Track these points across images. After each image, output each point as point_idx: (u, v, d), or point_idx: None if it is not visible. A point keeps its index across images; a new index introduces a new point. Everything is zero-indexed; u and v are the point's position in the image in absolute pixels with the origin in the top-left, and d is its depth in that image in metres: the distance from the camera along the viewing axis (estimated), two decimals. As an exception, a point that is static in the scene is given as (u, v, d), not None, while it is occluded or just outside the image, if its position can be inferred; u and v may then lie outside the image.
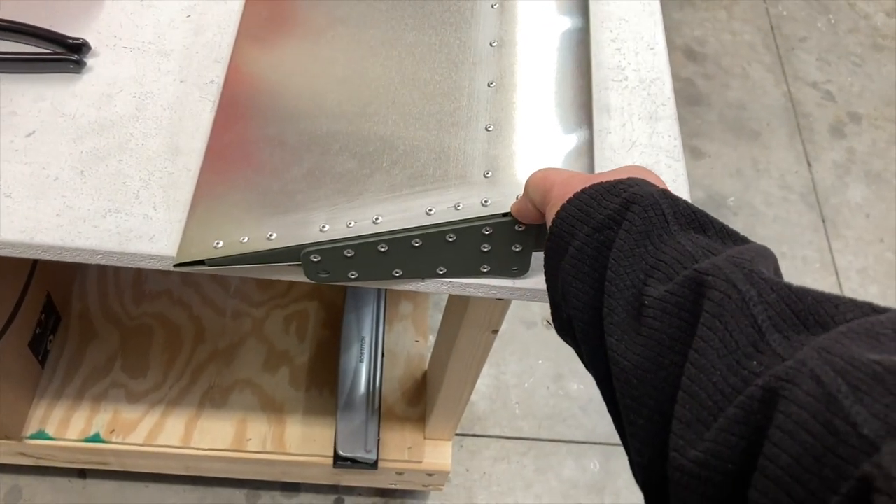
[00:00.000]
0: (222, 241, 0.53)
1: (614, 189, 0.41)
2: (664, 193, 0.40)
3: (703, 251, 0.36)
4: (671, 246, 0.37)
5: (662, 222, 0.38)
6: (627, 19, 0.71)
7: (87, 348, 1.04)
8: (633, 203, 0.39)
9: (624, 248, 0.38)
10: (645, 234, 0.38)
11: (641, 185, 0.40)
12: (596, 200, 0.41)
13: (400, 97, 0.58)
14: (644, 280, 0.37)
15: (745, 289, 0.32)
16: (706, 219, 0.38)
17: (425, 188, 0.53)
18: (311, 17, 0.64)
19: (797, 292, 0.32)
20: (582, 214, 0.41)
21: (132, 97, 0.60)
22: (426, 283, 0.57)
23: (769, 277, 0.32)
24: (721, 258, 0.34)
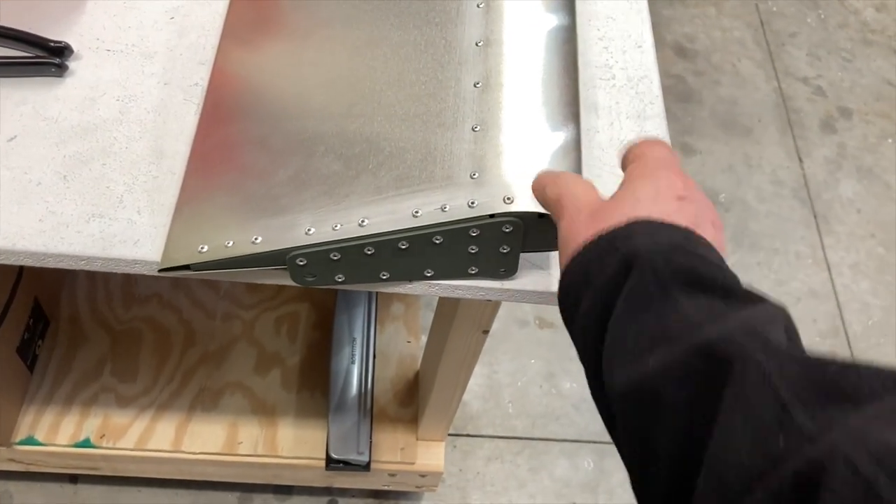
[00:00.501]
0: (207, 246, 0.52)
1: (614, 242, 0.39)
2: (659, 250, 0.38)
3: (708, 315, 0.34)
4: (673, 311, 0.35)
5: (661, 290, 0.36)
6: (615, 17, 0.70)
7: (76, 353, 1.03)
8: (630, 266, 0.38)
9: (622, 317, 0.37)
10: (645, 302, 0.37)
11: (639, 237, 0.39)
12: (597, 259, 0.40)
13: (385, 98, 0.57)
14: (649, 349, 0.35)
15: (764, 361, 0.31)
16: (708, 274, 0.37)
17: (412, 190, 0.52)
18: (296, 18, 0.63)
19: (818, 363, 0.31)
20: (584, 278, 0.40)
21: (115, 100, 0.59)
22: (414, 286, 0.56)
23: (784, 346, 0.32)
24: (732, 325, 0.33)
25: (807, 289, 1.45)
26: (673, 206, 0.42)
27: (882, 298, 1.45)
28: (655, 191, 0.42)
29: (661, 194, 0.42)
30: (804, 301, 1.43)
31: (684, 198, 0.43)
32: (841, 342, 1.40)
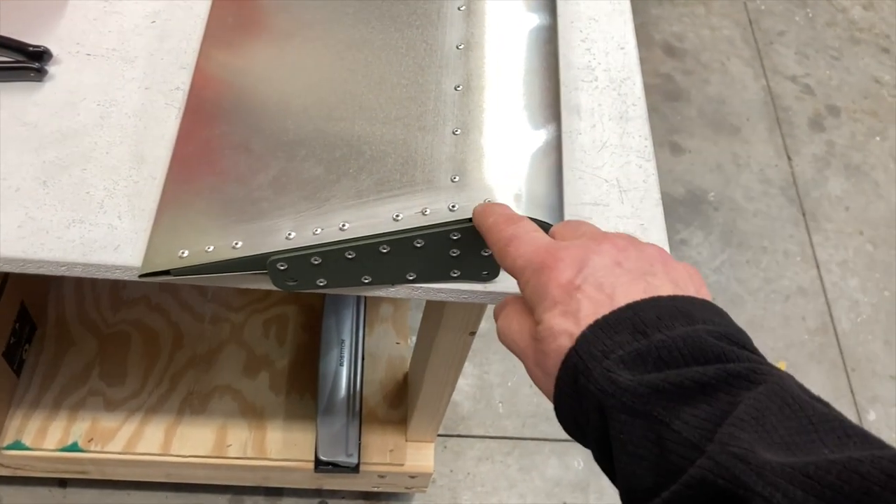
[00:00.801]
0: (187, 251, 0.52)
1: (578, 386, 0.37)
2: (621, 387, 0.35)
3: (700, 431, 0.33)
4: (670, 440, 0.34)
5: (646, 420, 0.34)
6: (597, 19, 0.71)
7: (63, 357, 1.03)
8: (604, 412, 0.36)
9: (623, 461, 0.35)
10: (636, 439, 0.35)
11: (597, 375, 0.36)
12: (576, 404, 0.37)
13: (366, 102, 0.57)
14: (662, 483, 0.34)
15: (768, 493, 0.30)
16: (676, 380, 0.35)
17: (392, 194, 0.52)
18: (277, 22, 0.63)
19: (816, 474, 0.29)
20: (575, 424, 0.38)
21: (96, 105, 0.59)
22: (396, 289, 0.56)
23: (778, 465, 0.30)
24: (718, 449, 0.32)
25: (796, 287, 1.45)
26: (609, 293, 0.39)
27: (870, 295, 1.46)
28: (583, 299, 0.39)
29: (589, 297, 0.39)
30: (793, 299, 1.44)
31: (620, 262, 0.40)
32: (830, 339, 1.40)
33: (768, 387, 0.34)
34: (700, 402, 0.34)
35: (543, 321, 0.39)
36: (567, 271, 0.39)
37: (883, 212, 1.56)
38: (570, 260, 0.40)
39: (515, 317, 0.42)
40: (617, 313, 0.37)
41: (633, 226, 0.60)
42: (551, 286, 0.39)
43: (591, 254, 0.40)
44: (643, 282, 0.39)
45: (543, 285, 0.40)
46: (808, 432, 0.32)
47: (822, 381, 1.36)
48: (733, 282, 1.44)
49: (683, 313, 0.37)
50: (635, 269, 0.40)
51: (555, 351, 0.38)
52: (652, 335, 0.36)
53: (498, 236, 0.45)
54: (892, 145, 1.65)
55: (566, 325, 0.38)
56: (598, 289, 0.38)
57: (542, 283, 0.40)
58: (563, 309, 0.38)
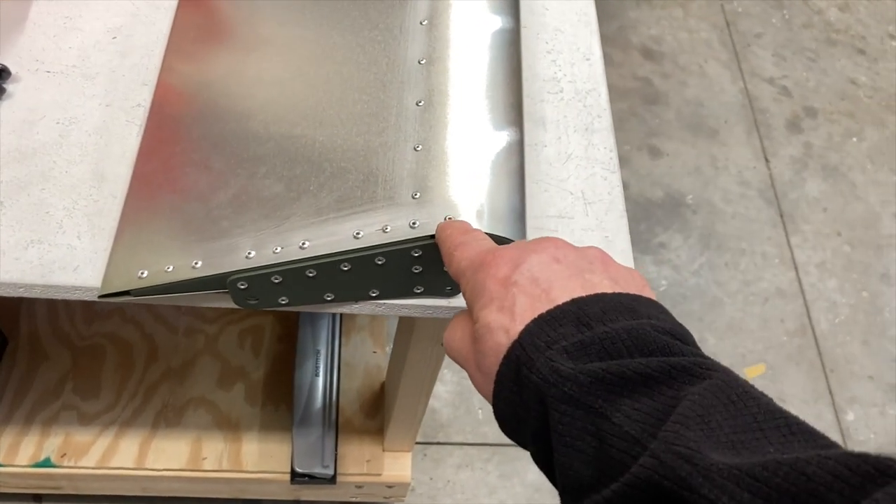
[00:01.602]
0: (147, 271, 0.52)
1: (520, 377, 0.36)
2: (563, 376, 0.35)
3: (642, 426, 0.33)
4: (608, 430, 0.33)
5: (586, 411, 0.34)
6: (563, 30, 0.70)
7: (36, 371, 1.02)
8: (545, 403, 0.35)
9: (564, 455, 0.35)
10: (577, 432, 0.34)
11: (540, 365, 0.36)
12: (517, 397, 0.37)
13: (328, 118, 0.57)
14: (602, 481, 0.33)
15: (714, 496, 0.29)
16: (618, 371, 0.34)
17: (353, 211, 0.52)
18: (239, 38, 0.62)
19: (763, 476, 0.29)
20: (515, 417, 0.38)
21: (55, 123, 0.59)
22: (360, 306, 0.56)
23: (724, 466, 0.30)
24: (663, 447, 0.31)
25: (774, 288, 1.46)
26: (546, 288, 0.39)
27: (849, 296, 1.47)
28: (519, 293, 0.39)
29: (525, 291, 0.38)
30: (771, 301, 1.44)
31: (558, 259, 0.40)
32: (808, 341, 1.41)
33: (713, 382, 0.34)
34: (642, 395, 0.34)
35: (480, 319, 0.39)
36: (504, 268, 0.40)
37: (860, 213, 1.57)
38: (508, 258, 0.40)
39: (459, 326, 0.43)
40: (561, 307, 0.37)
41: (597, 238, 0.60)
42: (488, 282, 0.40)
43: (530, 252, 0.40)
44: (581, 278, 0.39)
45: (481, 282, 0.40)
46: (754, 430, 0.32)
47: (801, 382, 1.37)
48: (712, 284, 1.45)
49: (628, 308, 0.37)
50: (573, 266, 0.40)
51: (492, 349, 0.38)
52: (596, 327, 0.36)
53: (448, 243, 0.45)
54: (869, 146, 1.66)
55: (502, 320, 0.38)
56: (534, 283, 0.39)
57: (480, 281, 0.40)
58: (499, 304, 0.39)
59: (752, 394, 0.33)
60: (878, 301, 1.47)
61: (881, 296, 1.47)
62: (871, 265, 1.51)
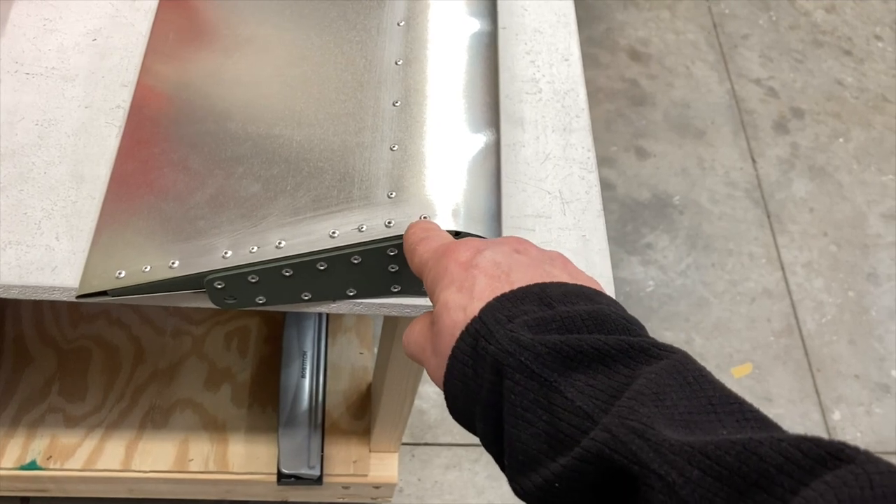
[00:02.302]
0: (125, 271, 0.52)
1: (478, 348, 0.36)
2: (521, 345, 0.35)
3: (594, 401, 0.33)
4: (560, 404, 0.34)
5: (540, 384, 0.34)
6: (542, 31, 0.71)
7: (22, 373, 1.02)
8: (501, 373, 0.35)
9: (514, 427, 0.35)
10: (530, 404, 0.34)
11: (499, 336, 0.36)
12: (470, 370, 0.37)
13: (305, 118, 0.57)
14: (550, 454, 0.34)
15: (664, 472, 0.29)
16: (576, 345, 0.34)
17: (329, 211, 0.52)
18: (219, 39, 0.63)
19: (715, 454, 0.29)
20: (466, 390, 0.37)
21: (34, 125, 0.59)
22: (338, 305, 0.56)
23: (676, 443, 0.30)
24: (616, 422, 0.31)
25: (761, 289, 1.47)
26: (506, 271, 0.39)
27: (835, 296, 1.48)
28: (479, 274, 0.39)
29: (486, 272, 0.39)
30: (758, 301, 1.45)
31: (519, 250, 0.41)
32: (795, 341, 1.42)
33: (669, 363, 0.34)
34: (598, 372, 0.34)
35: (439, 299, 0.40)
36: (465, 253, 0.41)
37: (847, 213, 1.58)
38: (470, 245, 0.41)
39: (418, 322, 0.43)
40: (523, 288, 0.38)
41: (574, 237, 0.60)
42: (450, 266, 0.40)
43: (492, 242, 0.42)
44: (541, 268, 0.40)
45: (443, 267, 0.41)
46: (708, 412, 0.32)
47: (788, 381, 1.37)
48: (699, 285, 1.45)
49: (588, 297, 0.38)
50: (534, 259, 0.41)
51: (448, 327, 0.38)
52: (557, 307, 0.37)
53: (411, 240, 0.46)
54: (855, 146, 1.67)
55: (461, 299, 0.38)
56: (495, 266, 0.39)
57: (442, 266, 0.41)
58: (459, 285, 0.39)
59: (709, 378, 0.34)
60: (864, 300, 1.47)
61: (867, 295, 1.48)
62: (857, 265, 1.52)
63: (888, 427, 1.34)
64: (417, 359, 0.43)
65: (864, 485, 0.26)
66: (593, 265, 0.59)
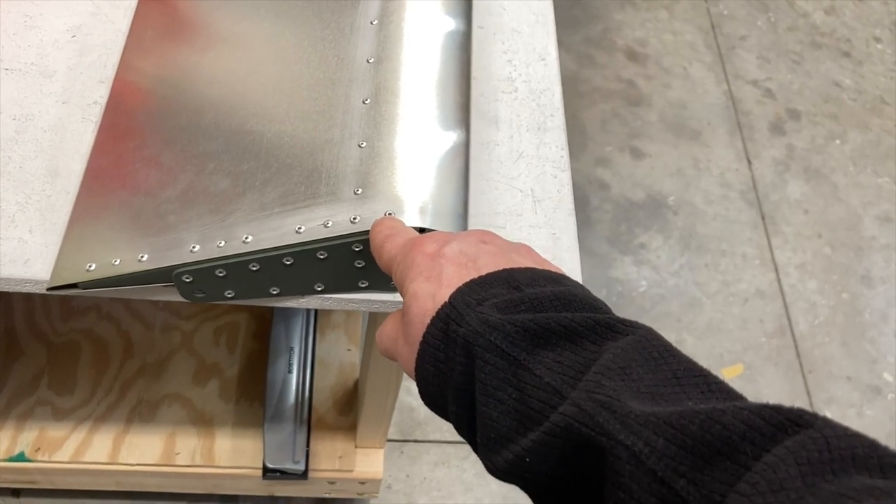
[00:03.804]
0: (95, 264, 0.53)
1: (448, 332, 0.37)
2: (491, 326, 0.36)
3: (562, 377, 0.34)
4: (529, 381, 0.34)
5: (509, 362, 0.35)
6: (520, 31, 0.71)
7: (12, 367, 1.03)
8: (472, 354, 0.36)
9: (485, 406, 0.36)
10: (499, 382, 0.35)
11: (468, 313, 0.37)
12: (441, 354, 0.38)
13: (277, 115, 0.58)
14: (520, 430, 0.34)
15: (630, 442, 0.30)
16: (544, 323, 0.35)
17: (296, 206, 0.53)
18: (196, 37, 0.64)
19: (679, 423, 0.29)
20: (438, 374, 0.38)
21: (11, 119, 0.60)
22: (307, 300, 0.57)
23: (642, 414, 0.31)
24: (583, 396, 0.32)
25: (754, 289, 1.47)
26: (472, 258, 0.40)
27: (828, 298, 1.47)
28: (447, 263, 0.40)
29: (453, 261, 0.40)
30: (751, 301, 1.45)
31: (485, 241, 0.42)
32: (787, 342, 1.42)
33: (635, 338, 0.35)
34: (565, 349, 0.35)
35: (408, 291, 0.41)
36: (432, 245, 0.42)
37: (841, 215, 1.58)
38: (437, 238, 0.42)
39: (389, 319, 0.44)
40: (492, 273, 0.39)
41: (545, 235, 0.61)
42: (417, 258, 0.41)
43: (457, 235, 0.43)
44: (507, 257, 0.41)
45: (411, 259, 0.41)
46: (673, 385, 0.32)
47: (779, 382, 1.37)
48: (692, 285, 1.45)
49: (554, 279, 0.39)
50: (500, 248, 0.42)
51: (418, 315, 0.39)
52: (525, 290, 0.38)
53: (378, 238, 0.47)
54: (851, 148, 1.67)
55: (429, 287, 0.39)
56: (462, 255, 0.40)
57: (410, 258, 0.42)
58: (427, 275, 0.40)
59: (674, 352, 0.35)
60: (857, 303, 1.47)
61: (861, 297, 1.48)
62: (851, 267, 1.51)
63: (879, 429, 1.34)
64: (390, 353, 0.43)
65: (822, 447, 0.27)
66: (562, 262, 0.59)
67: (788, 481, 0.26)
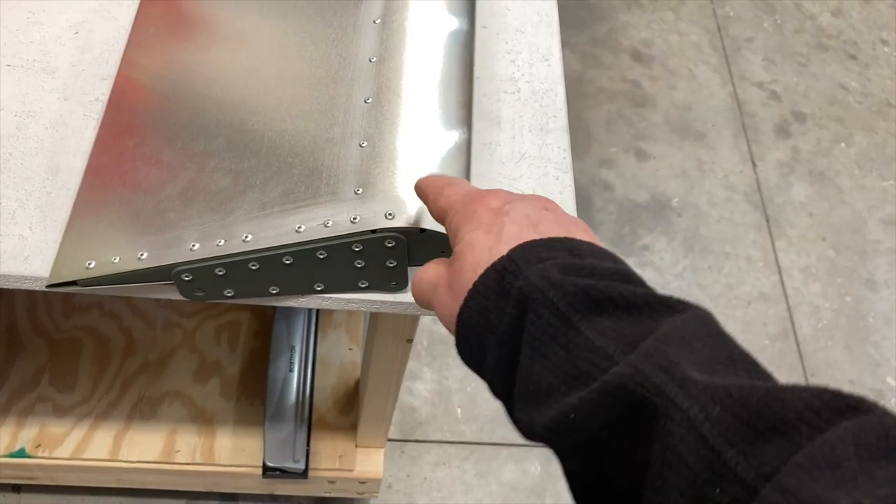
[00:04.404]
0: (94, 262, 0.53)
1: (503, 283, 0.37)
2: (550, 279, 0.36)
3: (617, 345, 0.34)
4: (581, 344, 0.34)
5: (562, 322, 0.35)
6: (524, 31, 0.71)
7: (13, 362, 1.03)
8: (526, 307, 0.36)
9: (531, 360, 0.35)
10: (550, 339, 0.35)
11: (528, 269, 0.37)
12: (492, 303, 0.37)
13: (278, 114, 0.58)
14: (565, 390, 0.34)
15: (686, 406, 0.30)
16: (605, 290, 0.35)
17: (296, 206, 0.53)
18: (198, 35, 0.63)
19: (738, 395, 0.29)
20: (483, 323, 0.38)
21: (13, 116, 0.60)
22: (307, 300, 0.57)
23: (701, 381, 0.30)
24: (644, 359, 0.32)
25: (757, 292, 1.46)
26: (534, 222, 0.41)
27: (832, 301, 1.47)
28: (508, 221, 0.40)
29: (515, 220, 0.40)
30: (754, 304, 1.45)
31: (548, 208, 0.42)
32: (790, 345, 1.41)
33: (695, 314, 0.35)
34: (622, 318, 0.35)
35: (465, 239, 0.40)
36: (496, 201, 0.42)
37: (846, 218, 1.57)
38: (502, 195, 0.42)
39: (432, 264, 0.44)
40: (553, 238, 0.39)
41: (546, 236, 0.60)
42: (480, 210, 0.41)
43: (521, 197, 0.43)
44: (566, 227, 0.41)
45: (472, 210, 0.41)
46: (727, 365, 0.32)
47: (781, 386, 1.37)
48: (695, 287, 1.45)
49: (613, 258, 0.39)
50: (560, 219, 0.42)
51: (471, 265, 0.39)
52: (585, 259, 0.38)
53: (436, 184, 0.46)
54: (857, 151, 1.66)
55: (488, 241, 0.39)
56: (525, 217, 0.40)
57: (471, 209, 0.42)
58: (487, 228, 0.40)
59: (730, 336, 0.35)
60: (861, 306, 1.47)
61: (865, 301, 1.47)
62: (855, 270, 1.51)
63: (881, 434, 1.33)
64: (426, 298, 0.43)
65: (881, 434, 0.27)
66: (563, 264, 0.59)
67: (845, 461, 0.26)
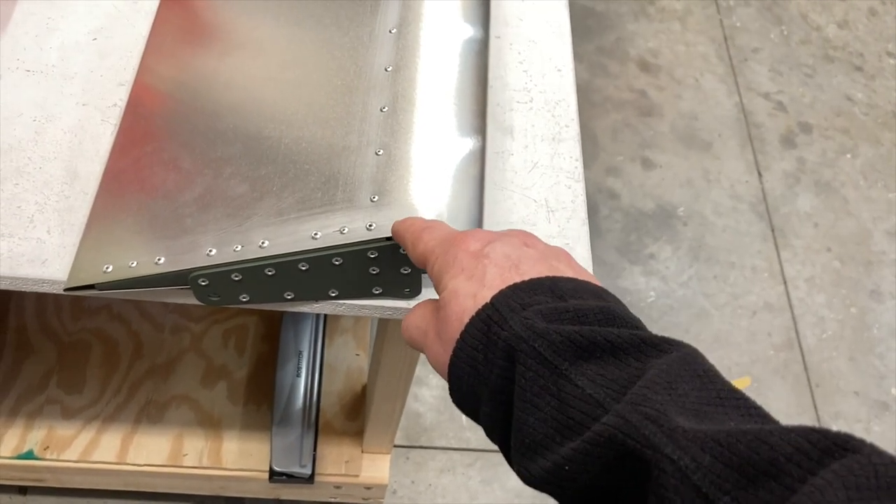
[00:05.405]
0: (112, 266, 0.53)
1: (490, 334, 0.37)
2: (535, 328, 0.36)
3: (605, 392, 0.34)
4: (571, 392, 0.34)
5: (551, 371, 0.35)
6: (536, 41, 0.72)
7: (23, 364, 1.03)
8: (513, 359, 0.36)
9: (524, 412, 0.36)
10: (540, 390, 0.35)
11: (512, 317, 0.37)
12: (480, 354, 0.38)
13: (295, 121, 0.58)
14: (559, 440, 0.35)
15: (676, 457, 0.30)
16: (590, 336, 0.35)
17: (312, 212, 0.53)
18: (215, 42, 0.64)
19: (727, 441, 0.30)
20: (474, 374, 0.38)
21: (32, 121, 0.60)
22: (321, 305, 0.57)
23: (690, 430, 0.31)
24: (629, 408, 0.32)
25: (762, 302, 1.46)
26: (515, 262, 0.40)
27: (837, 312, 1.47)
28: (490, 264, 0.40)
29: (496, 263, 0.40)
30: (759, 314, 1.45)
31: (527, 244, 0.42)
32: (795, 355, 1.41)
33: (680, 356, 0.35)
34: (609, 363, 0.35)
35: (448, 287, 0.40)
36: (475, 244, 0.41)
37: (851, 228, 1.58)
38: (480, 236, 0.42)
39: (419, 308, 0.44)
40: (536, 279, 0.39)
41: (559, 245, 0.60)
42: (459, 255, 0.41)
43: (500, 235, 0.43)
44: (548, 263, 0.41)
45: (452, 255, 0.41)
46: (716, 404, 0.33)
47: (786, 396, 1.37)
48: (700, 296, 1.45)
49: (596, 293, 0.39)
50: (541, 253, 0.42)
51: (456, 314, 0.39)
52: (569, 300, 0.38)
53: (413, 229, 0.46)
54: (862, 162, 1.67)
55: (471, 287, 0.39)
56: (505, 258, 0.40)
57: (451, 255, 0.41)
58: (469, 274, 0.40)
59: (716, 373, 0.35)
60: (866, 317, 1.47)
61: (870, 312, 1.48)
62: (860, 281, 1.51)
63: (886, 446, 1.33)
64: (417, 344, 0.43)
65: (870, 474, 0.27)
66: (575, 273, 0.59)
67: None
